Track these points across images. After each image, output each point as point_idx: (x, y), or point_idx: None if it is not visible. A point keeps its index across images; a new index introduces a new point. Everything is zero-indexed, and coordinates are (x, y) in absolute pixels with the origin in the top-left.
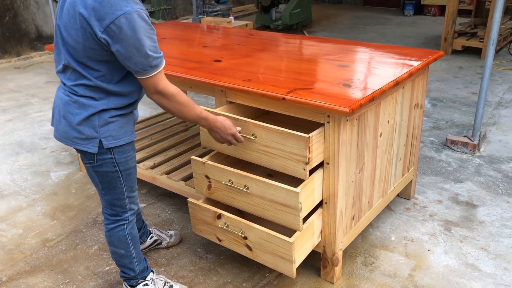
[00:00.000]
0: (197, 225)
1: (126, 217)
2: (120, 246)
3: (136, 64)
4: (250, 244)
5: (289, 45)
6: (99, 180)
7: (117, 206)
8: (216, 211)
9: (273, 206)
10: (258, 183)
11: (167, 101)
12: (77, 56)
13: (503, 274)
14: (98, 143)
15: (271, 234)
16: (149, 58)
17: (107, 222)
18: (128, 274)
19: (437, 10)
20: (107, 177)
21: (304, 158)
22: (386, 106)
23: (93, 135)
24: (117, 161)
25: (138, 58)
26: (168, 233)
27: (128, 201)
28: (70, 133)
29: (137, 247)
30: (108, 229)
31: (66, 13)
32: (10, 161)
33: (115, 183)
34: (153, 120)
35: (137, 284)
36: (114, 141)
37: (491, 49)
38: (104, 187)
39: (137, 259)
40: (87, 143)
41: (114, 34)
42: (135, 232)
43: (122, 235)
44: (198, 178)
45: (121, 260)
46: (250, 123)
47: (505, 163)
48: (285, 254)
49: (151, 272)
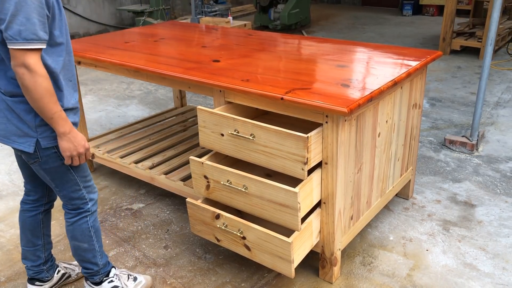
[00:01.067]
0: (196, 225)
1: (88, 208)
2: (83, 239)
3: (7, 29)
4: (249, 244)
5: (288, 45)
6: (50, 178)
7: (76, 199)
8: (215, 211)
9: (271, 206)
10: (256, 183)
11: (33, 79)
12: None
13: (501, 273)
14: (35, 143)
15: (270, 234)
16: (22, 26)
17: (68, 216)
18: (91, 269)
19: (435, 10)
20: (57, 172)
21: (303, 158)
22: (384, 106)
23: (30, 134)
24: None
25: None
26: (75, 263)
27: (85, 192)
28: (6, 131)
29: (100, 241)
30: (70, 223)
31: None
32: (8, 162)
33: (67, 177)
34: (151, 120)
35: (101, 281)
36: (52, 141)
37: (489, 49)
38: (57, 184)
39: (100, 252)
40: (24, 141)
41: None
42: (97, 225)
43: (85, 227)
44: (196, 178)
45: (84, 255)
46: (249, 123)
47: (503, 163)
48: (284, 254)
49: (113, 268)
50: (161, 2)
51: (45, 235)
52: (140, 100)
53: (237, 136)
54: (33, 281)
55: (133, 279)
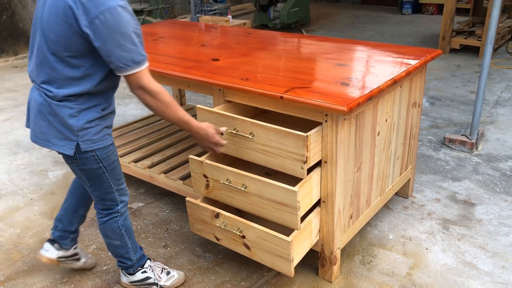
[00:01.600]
0: (195, 224)
1: (118, 209)
2: (115, 237)
3: (119, 58)
4: (248, 243)
5: (287, 44)
6: (86, 178)
7: (108, 200)
8: (214, 210)
9: (271, 205)
10: (256, 182)
11: (149, 97)
12: (58, 51)
13: (501, 272)
14: (75, 146)
15: (269, 233)
16: (131, 52)
17: (99, 216)
18: (125, 263)
19: (435, 8)
20: (92, 174)
21: (302, 157)
22: (384, 105)
23: (71, 137)
24: (99, 157)
25: (121, 52)
26: (88, 254)
27: (117, 194)
28: (47, 134)
29: (132, 237)
30: (101, 222)
31: (51, 5)
32: (7, 161)
33: (101, 179)
34: (150, 119)
35: (135, 272)
36: (92, 144)
37: (489, 48)
38: (92, 184)
39: (133, 248)
40: (64, 144)
41: (96, 29)
42: (128, 223)
43: (115, 226)
44: (196, 177)
45: (117, 250)
46: (248, 122)
47: (503, 162)
48: (283, 253)
49: (148, 260)
50: (160, 1)
51: (87, 208)
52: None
53: (237, 135)
54: (53, 242)
55: (166, 273)
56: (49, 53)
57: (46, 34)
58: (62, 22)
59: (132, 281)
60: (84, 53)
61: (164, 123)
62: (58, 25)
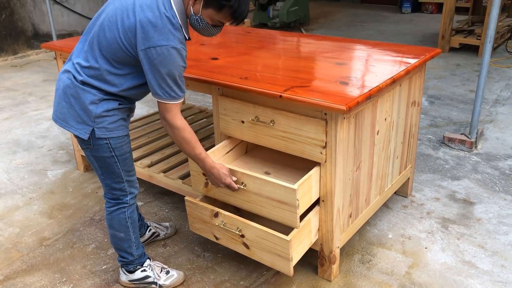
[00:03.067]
0: (194, 223)
1: (127, 200)
2: (120, 229)
3: (158, 87)
4: (247, 242)
5: (287, 43)
6: (97, 165)
7: (117, 189)
8: (214, 209)
9: (270, 203)
10: (255, 180)
11: (170, 130)
12: (106, 51)
13: (500, 271)
14: (90, 131)
15: (268, 232)
16: (171, 88)
17: (108, 205)
18: (127, 258)
19: (434, 7)
20: (104, 162)
21: (321, 142)
22: (383, 104)
23: (88, 122)
24: (112, 146)
25: (162, 84)
26: (164, 224)
27: (127, 185)
28: (67, 115)
29: (136, 232)
30: (109, 212)
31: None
32: (7, 160)
33: (112, 168)
34: (150, 118)
35: (135, 270)
36: (106, 132)
37: (488, 47)
38: (103, 172)
39: (136, 243)
40: (81, 128)
41: (150, 57)
42: (135, 217)
43: (122, 217)
44: (195, 176)
45: (120, 244)
46: (269, 109)
47: (502, 161)
48: (282, 252)
49: (148, 259)
50: None
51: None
52: None
53: (258, 122)
54: None
55: (165, 272)
56: (97, 47)
57: (104, 30)
58: (122, 31)
59: (132, 279)
60: (128, 62)
61: None
62: (116, 32)
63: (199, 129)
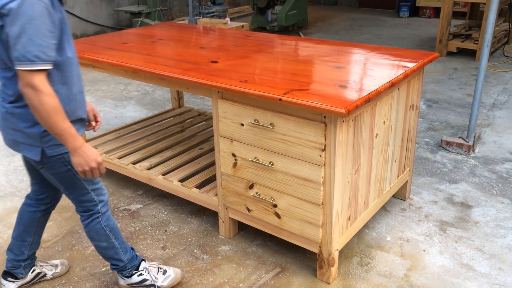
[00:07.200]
0: (228, 197)
1: (98, 209)
2: (101, 239)
3: (16, 49)
4: (279, 212)
5: (285, 46)
6: (59, 182)
7: (85, 201)
8: (249, 181)
9: (296, 181)
10: (283, 159)
11: (37, 98)
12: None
13: (498, 274)
14: (40, 152)
15: (302, 200)
16: (27, 47)
17: (82, 219)
18: (117, 265)
19: (432, 12)
20: (63, 177)
21: (321, 145)
22: (381, 107)
23: (35, 143)
24: (66, 160)
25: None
26: (53, 263)
27: (94, 194)
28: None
29: (119, 237)
30: (85, 225)
31: None
32: (5, 162)
33: (73, 181)
34: (149, 121)
35: (131, 275)
36: (57, 149)
37: (485, 51)
38: (66, 187)
39: (122, 249)
40: (31, 150)
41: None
42: (112, 223)
43: (99, 228)
44: (224, 157)
45: (106, 252)
46: (269, 112)
47: (500, 164)
48: (313, 219)
49: (142, 261)
50: (158, 3)
51: (36, 234)
52: (138, 101)
53: (257, 125)
54: (6, 275)
55: (162, 272)
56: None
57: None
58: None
59: (130, 283)
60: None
61: (162, 125)
62: None
63: (198, 132)
